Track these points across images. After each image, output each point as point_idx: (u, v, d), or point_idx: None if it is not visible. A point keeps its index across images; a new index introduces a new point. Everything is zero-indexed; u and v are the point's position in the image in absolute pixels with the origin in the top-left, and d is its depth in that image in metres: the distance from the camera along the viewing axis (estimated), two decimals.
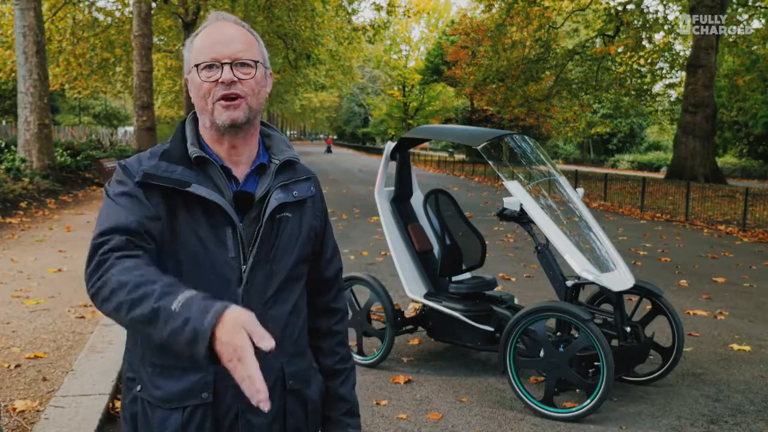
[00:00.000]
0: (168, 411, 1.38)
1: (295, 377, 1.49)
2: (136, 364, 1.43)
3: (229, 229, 1.39)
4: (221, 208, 1.38)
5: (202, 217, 1.38)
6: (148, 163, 1.40)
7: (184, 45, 1.47)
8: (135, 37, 20.37)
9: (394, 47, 61.96)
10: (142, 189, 1.36)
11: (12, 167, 13.93)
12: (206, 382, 1.38)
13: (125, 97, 41.64)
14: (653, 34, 26.98)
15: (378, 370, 4.56)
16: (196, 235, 1.36)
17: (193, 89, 1.42)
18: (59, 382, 3.93)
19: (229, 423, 1.41)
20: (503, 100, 30.66)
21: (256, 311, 1.34)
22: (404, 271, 4.68)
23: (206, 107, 1.40)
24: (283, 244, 1.46)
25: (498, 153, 4.80)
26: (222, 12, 1.47)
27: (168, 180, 1.37)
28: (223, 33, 1.42)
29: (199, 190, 1.37)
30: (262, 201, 1.44)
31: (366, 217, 12.87)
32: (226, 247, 1.39)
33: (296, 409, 1.50)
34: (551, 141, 46.40)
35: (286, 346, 1.47)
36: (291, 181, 1.49)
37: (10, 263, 7.41)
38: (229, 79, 1.38)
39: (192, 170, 1.40)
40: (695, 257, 9.36)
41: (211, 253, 1.38)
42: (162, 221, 1.36)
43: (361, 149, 67.83)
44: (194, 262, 1.34)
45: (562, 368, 3.78)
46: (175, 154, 1.43)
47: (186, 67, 1.45)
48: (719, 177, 22.84)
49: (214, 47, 1.39)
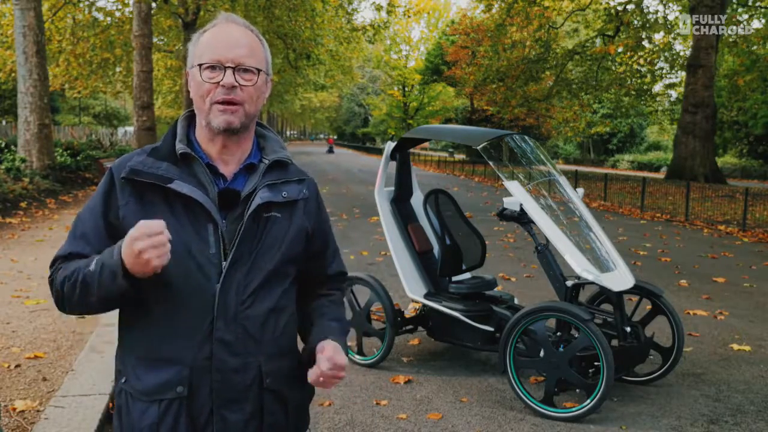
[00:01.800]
0: (147, 404, 1.41)
1: (273, 376, 1.47)
2: (124, 356, 1.47)
3: (210, 226, 1.41)
4: (202, 206, 1.40)
5: (183, 213, 1.40)
6: (136, 159, 1.44)
7: (189, 39, 1.49)
8: (135, 37, 20.36)
9: (394, 47, 61.95)
10: (126, 184, 1.43)
11: (12, 167, 13.93)
12: (182, 376, 1.39)
13: (125, 97, 41.67)
14: (653, 34, 26.98)
15: (378, 370, 4.56)
16: (175, 230, 1.37)
17: (194, 86, 1.44)
18: (59, 382, 3.93)
19: (204, 419, 1.42)
20: (503, 100, 30.65)
21: (232, 308, 1.41)
22: (404, 271, 4.68)
23: (203, 107, 1.42)
24: (268, 243, 1.46)
25: (498, 153, 4.80)
26: (233, 14, 1.48)
27: (151, 176, 1.40)
28: (231, 36, 1.42)
29: (181, 186, 1.39)
30: (247, 199, 1.45)
31: (366, 217, 12.87)
32: (207, 243, 1.40)
33: (275, 409, 1.48)
34: (551, 141, 46.38)
35: (265, 345, 1.46)
36: (280, 182, 1.49)
37: (10, 263, 7.41)
38: (230, 83, 1.39)
39: (177, 167, 1.43)
40: (695, 257, 9.36)
41: (191, 249, 1.39)
42: (123, 219, 1.42)
43: (361, 149, 67.83)
44: (173, 258, 1.34)
45: (562, 368, 3.78)
46: (163, 150, 1.46)
47: (189, 60, 1.47)
48: (719, 177, 22.83)
49: (219, 49, 1.40)
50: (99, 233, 1.44)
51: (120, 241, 1.31)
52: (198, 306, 1.39)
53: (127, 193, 1.42)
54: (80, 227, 1.46)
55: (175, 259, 1.34)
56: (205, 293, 1.40)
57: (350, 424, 3.71)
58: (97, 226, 1.44)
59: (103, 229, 1.44)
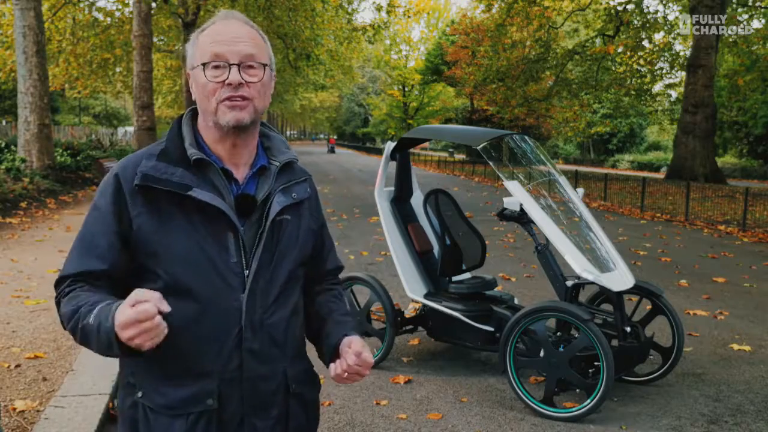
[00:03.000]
0: (172, 418, 1.36)
1: (296, 381, 1.48)
2: (139, 373, 1.40)
3: (230, 234, 1.36)
4: (224, 213, 1.34)
5: (201, 221, 1.34)
6: (147, 164, 1.35)
7: (189, 39, 1.44)
8: (135, 37, 20.36)
9: (394, 47, 61.96)
10: (138, 192, 1.33)
11: (12, 167, 13.94)
12: (212, 388, 1.37)
13: (125, 97, 41.63)
14: (653, 34, 26.97)
15: (378, 370, 4.56)
16: (194, 240, 1.33)
17: (197, 87, 1.38)
18: (59, 382, 3.93)
19: (234, 428, 1.40)
20: (503, 100, 30.65)
21: (258, 316, 1.37)
22: (404, 271, 4.68)
23: (210, 107, 1.36)
24: (284, 247, 1.44)
25: (498, 153, 4.80)
26: (232, 11, 1.43)
27: (168, 183, 1.33)
28: (232, 32, 1.37)
29: (200, 194, 1.33)
30: (263, 204, 1.42)
31: (366, 217, 12.87)
32: (228, 252, 1.36)
33: (298, 411, 1.49)
34: (551, 141, 46.40)
35: (288, 349, 1.46)
36: (291, 183, 1.47)
37: (10, 263, 7.41)
38: (236, 81, 1.34)
39: (191, 172, 1.35)
40: (695, 257, 9.35)
41: (212, 259, 1.34)
42: (138, 231, 1.33)
43: (361, 149, 67.82)
44: (194, 269, 1.32)
45: (562, 368, 3.78)
46: (173, 154, 1.38)
47: (189, 62, 1.40)
48: (719, 177, 22.82)
49: (221, 45, 1.35)
50: (113, 247, 1.34)
51: (117, 303, 1.20)
52: (224, 317, 1.36)
53: (139, 202, 1.33)
54: (89, 240, 1.36)
55: (196, 271, 1.32)
56: (230, 304, 1.36)
57: (350, 424, 3.71)
58: (110, 240, 1.34)
59: (117, 243, 1.35)
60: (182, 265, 1.33)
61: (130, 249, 1.34)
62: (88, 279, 1.34)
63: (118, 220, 1.34)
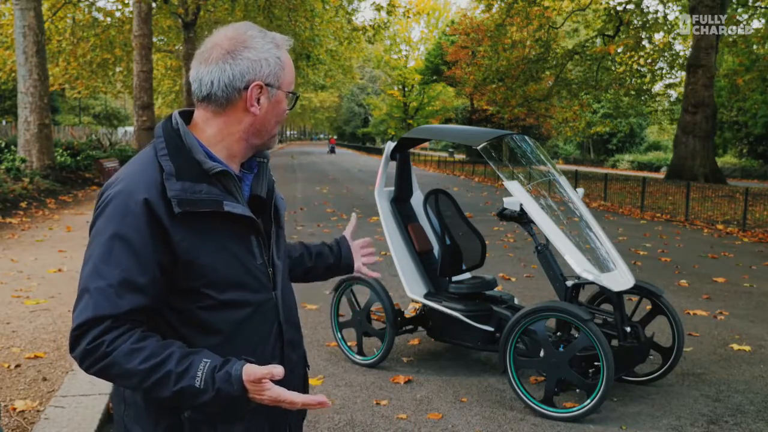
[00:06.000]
0: (230, 425, 1.41)
1: (306, 361, 1.65)
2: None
3: (253, 237, 1.41)
4: (252, 221, 1.40)
5: (230, 231, 1.37)
6: (173, 187, 1.30)
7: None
8: (135, 37, 20.36)
9: (394, 47, 61.96)
10: (179, 218, 1.29)
11: (12, 167, 13.94)
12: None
13: (125, 97, 41.65)
14: (653, 34, 26.97)
15: (378, 370, 4.56)
16: (227, 249, 1.36)
17: (274, 109, 1.40)
18: (59, 382, 3.93)
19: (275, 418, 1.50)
20: (503, 100, 30.65)
21: (287, 308, 1.51)
22: (404, 271, 4.68)
23: (274, 131, 1.44)
24: (281, 236, 1.55)
25: (498, 153, 4.79)
26: (285, 36, 1.44)
27: (204, 203, 1.31)
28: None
29: (233, 207, 1.34)
30: (268, 201, 1.50)
31: (366, 217, 12.86)
32: (253, 255, 1.41)
33: (305, 392, 1.60)
34: (551, 141, 46.40)
35: (301, 334, 1.61)
36: (270, 174, 1.56)
37: (10, 263, 7.41)
38: None
39: (212, 185, 1.35)
40: (695, 257, 9.35)
41: (246, 265, 1.39)
42: (184, 256, 1.30)
43: (361, 149, 67.82)
44: (236, 280, 1.37)
45: (562, 368, 3.78)
46: (191, 170, 1.33)
47: (271, 78, 1.37)
48: (719, 177, 22.82)
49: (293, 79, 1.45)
50: (155, 280, 1.29)
51: (229, 367, 1.25)
52: (267, 318, 1.45)
53: (180, 228, 1.29)
54: (127, 276, 1.26)
55: (237, 279, 1.37)
56: (267, 303, 1.44)
57: (350, 424, 3.71)
58: (153, 274, 1.28)
59: (158, 274, 1.29)
60: (226, 278, 1.36)
61: (169, 276, 1.31)
62: (129, 317, 1.27)
63: (159, 251, 1.28)
